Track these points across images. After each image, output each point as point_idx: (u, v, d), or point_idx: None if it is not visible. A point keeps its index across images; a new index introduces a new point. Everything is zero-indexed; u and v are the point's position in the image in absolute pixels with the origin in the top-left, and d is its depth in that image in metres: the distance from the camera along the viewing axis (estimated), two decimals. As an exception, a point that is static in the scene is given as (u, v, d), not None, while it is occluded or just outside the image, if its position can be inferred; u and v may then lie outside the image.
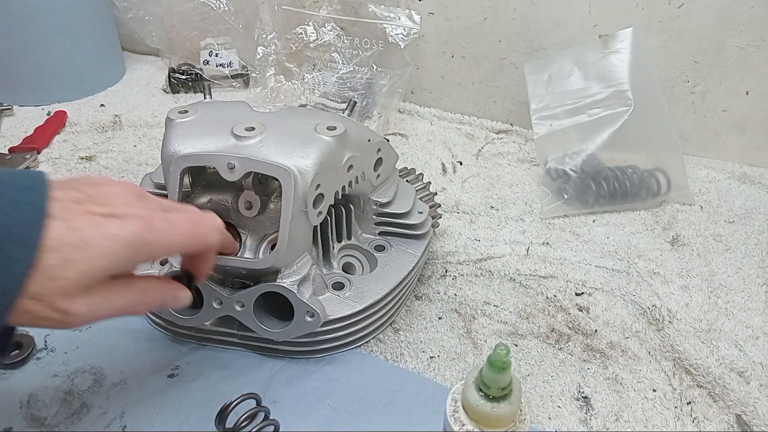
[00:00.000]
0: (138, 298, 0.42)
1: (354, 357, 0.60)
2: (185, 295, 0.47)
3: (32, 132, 0.95)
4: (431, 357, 0.61)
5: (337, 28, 1.02)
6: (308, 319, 0.55)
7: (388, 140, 0.66)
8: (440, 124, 1.04)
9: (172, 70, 1.12)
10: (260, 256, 0.56)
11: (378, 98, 1.00)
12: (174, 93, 1.11)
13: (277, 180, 0.52)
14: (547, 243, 0.77)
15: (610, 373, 0.60)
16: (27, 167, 0.87)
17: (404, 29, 0.99)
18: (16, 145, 0.91)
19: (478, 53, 1.01)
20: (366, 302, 0.59)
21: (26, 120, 1.00)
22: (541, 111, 0.88)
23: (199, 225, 0.44)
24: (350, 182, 0.59)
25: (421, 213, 0.66)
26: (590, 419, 0.55)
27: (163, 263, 0.59)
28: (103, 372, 0.57)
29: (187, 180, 0.59)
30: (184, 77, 1.11)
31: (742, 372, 0.60)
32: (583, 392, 0.58)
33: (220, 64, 1.12)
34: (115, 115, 1.03)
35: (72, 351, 0.60)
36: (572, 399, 0.57)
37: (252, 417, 0.52)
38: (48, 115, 1.01)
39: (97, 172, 0.88)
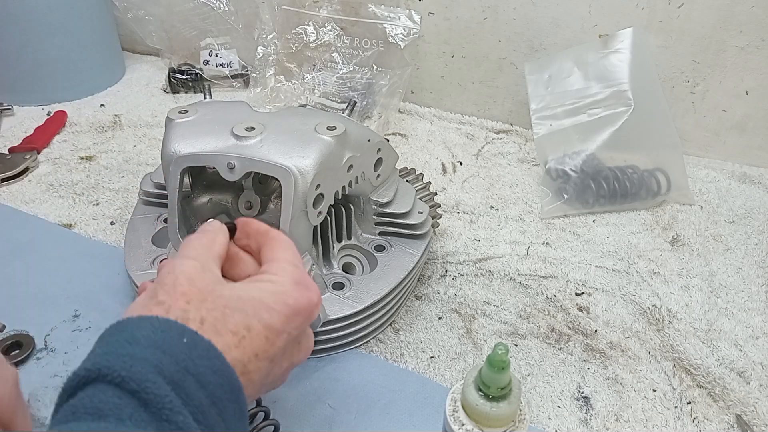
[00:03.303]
0: None
1: (354, 357, 0.60)
2: None
3: (32, 132, 0.95)
4: (431, 357, 0.61)
5: (337, 28, 1.02)
6: (308, 319, 0.54)
7: (388, 140, 0.66)
8: (440, 124, 1.04)
9: (172, 70, 1.12)
10: (260, 256, 0.56)
11: (378, 98, 1.00)
12: (174, 93, 1.12)
13: (277, 180, 0.52)
14: (547, 243, 0.77)
15: (610, 373, 0.60)
16: (27, 167, 0.87)
17: (404, 29, 0.99)
18: (16, 145, 0.92)
19: (478, 53, 1.01)
20: (366, 302, 0.59)
21: (26, 120, 1.00)
22: (541, 111, 0.88)
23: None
24: (350, 182, 0.59)
25: (421, 213, 0.66)
26: (590, 419, 0.55)
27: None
28: (103, 372, 0.57)
29: (187, 180, 0.59)
30: (184, 77, 1.12)
31: (742, 372, 0.60)
32: (583, 392, 0.58)
33: (220, 64, 1.12)
34: (115, 115, 1.03)
35: (72, 351, 0.60)
36: (572, 399, 0.57)
37: (252, 417, 0.52)
38: (48, 115, 1.01)
39: (97, 172, 0.88)
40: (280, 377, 0.41)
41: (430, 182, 0.75)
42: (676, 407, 0.57)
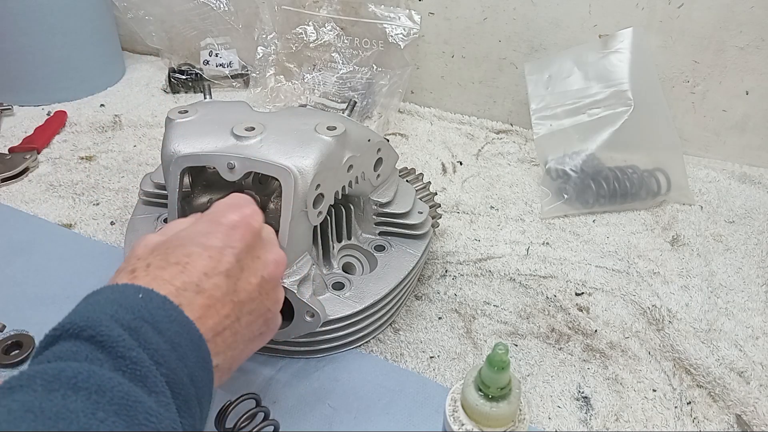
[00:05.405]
0: None
1: (354, 357, 0.60)
2: None
3: (32, 132, 0.95)
4: (431, 357, 0.61)
5: (337, 28, 1.02)
6: (308, 319, 0.54)
7: (388, 140, 0.66)
8: (440, 124, 1.04)
9: (172, 70, 1.12)
10: (260, 256, 0.56)
11: (378, 98, 1.00)
12: (174, 93, 1.12)
13: (277, 180, 0.52)
14: (547, 243, 0.77)
15: (610, 373, 0.60)
16: (27, 167, 0.87)
17: (404, 29, 0.99)
18: (16, 145, 0.92)
19: (478, 53, 1.01)
20: (366, 302, 0.59)
21: (26, 120, 1.00)
22: (541, 111, 0.88)
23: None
24: (350, 182, 0.59)
25: (421, 213, 0.66)
26: (590, 419, 0.55)
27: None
28: (103, 372, 0.57)
29: (187, 180, 0.59)
30: (184, 77, 1.12)
31: (742, 372, 0.60)
32: (583, 392, 0.58)
33: (220, 64, 1.12)
34: (115, 115, 1.03)
35: (72, 351, 0.60)
36: (572, 399, 0.57)
37: (252, 417, 0.52)
38: (48, 115, 1.01)
39: (97, 172, 0.88)
40: (257, 304, 0.43)
41: (430, 182, 0.75)
42: (676, 407, 0.57)
